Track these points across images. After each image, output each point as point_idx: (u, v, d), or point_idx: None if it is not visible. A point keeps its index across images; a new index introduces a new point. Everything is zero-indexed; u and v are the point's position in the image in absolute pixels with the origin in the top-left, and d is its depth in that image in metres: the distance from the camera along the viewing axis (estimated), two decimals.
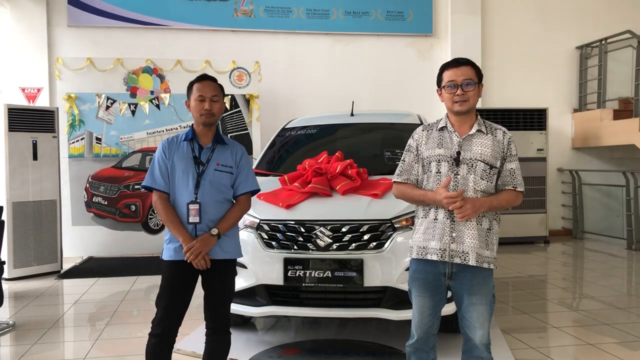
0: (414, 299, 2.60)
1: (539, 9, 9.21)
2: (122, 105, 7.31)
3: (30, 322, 4.63)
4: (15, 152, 6.24)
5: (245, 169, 2.86)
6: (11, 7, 7.81)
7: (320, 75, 8.59)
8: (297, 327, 4.34)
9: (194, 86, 2.82)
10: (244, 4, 8.41)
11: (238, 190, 2.83)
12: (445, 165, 2.52)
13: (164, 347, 2.73)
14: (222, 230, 2.73)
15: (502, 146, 2.54)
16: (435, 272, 2.52)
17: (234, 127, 7.55)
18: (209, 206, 2.73)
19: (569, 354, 3.87)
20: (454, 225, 2.47)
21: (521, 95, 8.99)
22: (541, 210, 8.47)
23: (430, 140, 2.60)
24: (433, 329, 2.60)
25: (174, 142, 2.81)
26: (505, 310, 4.85)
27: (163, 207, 2.73)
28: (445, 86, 2.57)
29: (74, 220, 7.22)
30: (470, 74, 2.54)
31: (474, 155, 2.50)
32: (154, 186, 2.75)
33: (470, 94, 2.53)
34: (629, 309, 4.90)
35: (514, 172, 2.54)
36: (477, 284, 2.48)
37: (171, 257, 2.73)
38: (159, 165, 2.77)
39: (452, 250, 2.47)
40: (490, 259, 2.51)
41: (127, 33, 8.14)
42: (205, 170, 2.75)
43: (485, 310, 2.50)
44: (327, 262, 3.49)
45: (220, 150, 2.82)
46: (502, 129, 2.61)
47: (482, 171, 2.49)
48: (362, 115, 5.21)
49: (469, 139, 2.54)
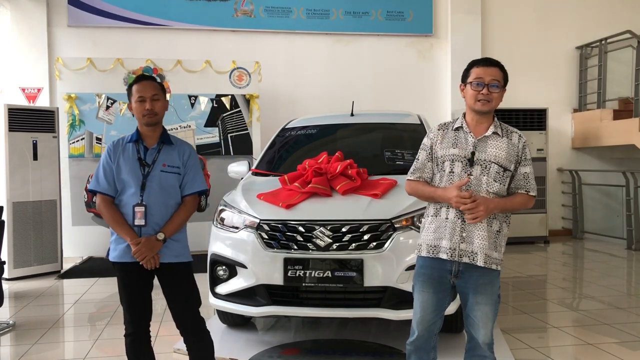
0: (417, 295, 2.59)
1: (539, 9, 9.21)
2: (122, 105, 7.30)
3: (30, 322, 4.63)
4: (15, 152, 6.24)
5: (192, 169, 2.81)
6: (11, 8, 7.81)
7: (320, 75, 8.59)
8: (297, 327, 4.34)
9: (132, 88, 2.77)
10: (244, 4, 8.41)
11: (185, 190, 2.79)
12: (459, 165, 2.52)
13: (139, 344, 2.76)
14: (168, 234, 2.70)
15: (517, 150, 2.55)
16: (441, 268, 2.52)
17: (234, 127, 7.55)
18: (155, 208, 2.69)
19: (569, 354, 3.87)
20: (465, 225, 2.48)
21: (521, 95, 8.97)
22: (541, 210, 8.47)
23: (445, 139, 2.59)
24: (435, 327, 2.59)
25: (119, 144, 2.79)
26: (505, 310, 4.85)
27: (107, 209, 2.72)
28: (471, 82, 2.55)
29: (74, 220, 7.22)
30: (498, 75, 2.54)
31: (488, 156, 2.50)
32: (98, 189, 2.73)
33: (495, 96, 2.53)
34: (629, 309, 4.90)
35: (527, 176, 2.56)
36: (484, 284, 2.49)
37: (120, 259, 2.72)
38: (103, 168, 2.75)
39: (462, 249, 2.48)
40: (498, 261, 2.52)
41: (127, 33, 8.14)
42: (151, 172, 2.72)
43: (490, 311, 2.51)
44: (327, 262, 3.49)
45: (167, 151, 2.78)
46: (518, 132, 2.61)
47: (496, 173, 2.50)
48: (362, 115, 5.21)
49: (484, 140, 2.54)
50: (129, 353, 2.77)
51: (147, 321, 2.78)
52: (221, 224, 3.85)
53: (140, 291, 2.74)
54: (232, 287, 3.70)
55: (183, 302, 2.77)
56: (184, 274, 2.79)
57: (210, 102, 7.39)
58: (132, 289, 2.73)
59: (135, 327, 2.73)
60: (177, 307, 2.77)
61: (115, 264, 2.75)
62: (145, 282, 2.76)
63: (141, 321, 2.75)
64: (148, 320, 2.78)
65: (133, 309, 2.73)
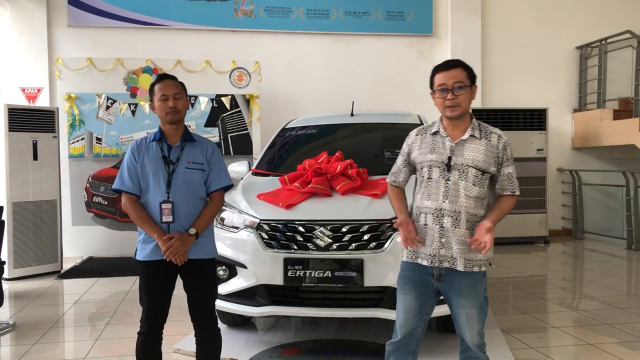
0: (401, 297, 2.58)
1: (539, 9, 9.21)
2: (122, 105, 7.31)
3: (30, 322, 4.63)
4: (15, 152, 6.24)
5: (217, 165, 2.85)
6: (11, 8, 7.81)
7: (320, 75, 8.59)
8: (297, 327, 4.34)
9: (155, 87, 2.81)
10: (244, 4, 8.41)
11: (211, 187, 2.83)
12: (437, 170, 2.49)
13: (152, 344, 2.77)
14: (200, 230, 2.74)
15: (497, 151, 2.49)
16: (423, 272, 2.51)
17: (234, 127, 7.55)
18: (182, 205, 2.73)
19: (569, 354, 3.87)
20: (443, 231, 2.45)
21: (521, 95, 8.99)
22: (541, 210, 8.47)
23: (423, 145, 2.57)
24: (417, 331, 2.56)
25: (142, 143, 2.81)
26: (505, 310, 4.85)
27: (133, 208, 2.74)
28: (436, 90, 2.52)
29: (74, 220, 7.22)
30: (461, 76, 2.48)
31: (465, 160, 2.46)
32: (123, 188, 2.75)
33: (462, 98, 2.47)
34: (629, 309, 4.90)
35: (511, 176, 2.51)
36: (467, 286, 2.46)
37: (147, 257, 2.74)
38: (127, 168, 2.77)
39: (441, 255, 2.46)
40: (482, 262, 2.48)
41: (127, 33, 8.14)
42: (176, 169, 2.75)
43: (475, 313, 2.47)
44: (327, 262, 3.49)
45: (190, 148, 2.82)
46: (498, 132, 2.55)
47: (474, 177, 2.46)
48: (362, 115, 5.21)
49: (461, 143, 2.50)
50: (139, 352, 2.77)
51: (162, 322, 2.79)
52: (221, 224, 3.85)
53: (162, 291, 2.77)
54: (232, 287, 3.70)
55: (203, 297, 2.81)
56: (207, 269, 2.83)
57: (210, 102, 7.39)
58: (155, 288, 2.76)
59: (151, 327, 2.75)
60: (195, 301, 2.80)
61: (142, 262, 2.77)
62: (169, 283, 2.78)
63: (157, 322, 2.77)
64: (164, 321, 2.80)
65: (153, 308, 2.75)
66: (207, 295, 2.83)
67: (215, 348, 2.87)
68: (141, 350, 2.76)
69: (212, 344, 2.86)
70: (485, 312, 2.53)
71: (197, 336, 2.85)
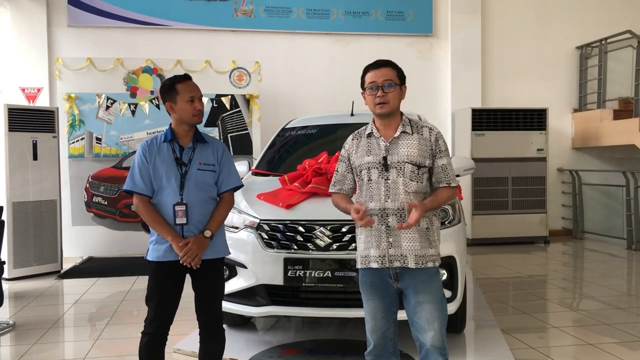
0: (365, 304, 2.57)
1: (539, 9, 9.21)
2: (122, 105, 7.31)
3: (30, 322, 4.63)
4: (15, 152, 6.24)
5: (227, 165, 2.86)
6: (11, 8, 7.81)
7: (320, 75, 8.59)
8: (297, 327, 4.34)
9: (178, 87, 2.76)
10: (244, 4, 8.41)
11: (222, 187, 2.84)
12: (375, 172, 2.50)
13: (156, 344, 2.77)
14: (214, 231, 2.75)
15: (430, 144, 2.52)
16: (381, 274, 2.51)
17: (234, 127, 7.55)
18: (195, 206, 2.73)
19: (569, 354, 3.86)
20: (390, 231, 2.46)
21: (521, 95, 8.99)
22: (541, 210, 8.47)
23: (360, 148, 2.59)
24: (389, 333, 2.55)
25: (153, 144, 2.79)
26: (505, 310, 4.85)
27: (146, 209, 2.73)
28: (367, 88, 2.55)
29: (74, 220, 7.22)
30: (390, 75, 2.52)
31: (400, 157, 2.48)
32: (135, 189, 2.74)
33: (391, 96, 2.50)
34: (629, 309, 4.90)
35: (445, 168, 2.52)
36: (422, 281, 2.46)
37: (159, 258, 2.73)
38: (139, 169, 2.74)
39: (391, 255, 2.45)
40: (435, 257, 2.49)
41: (127, 33, 8.14)
42: (188, 171, 2.75)
43: (435, 310, 2.44)
44: (327, 262, 3.49)
45: (201, 149, 2.82)
46: (429, 125, 2.58)
47: (411, 172, 2.47)
48: (362, 115, 5.19)
49: (395, 142, 2.52)
50: (142, 352, 2.76)
51: (169, 324, 2.78)
52: None
53: (172, 292, 2.76)
54: (232, 287, 3.69)
55: (211, 296, 2.82)
56: (217, 268, 2.84)
57: (210, 102, 7.38)
58: (166, 289, 2.75)
59: (157, 327, 2.74)
60: (203, 300, 2.81)
61: (152, 263, 2.75)
62: (179, 284, 2.78)
63: (164, 322, 2.76)
64: (170, 323, 2.79)
65: (161, 309, 2.74)
66: (216, 294, 2.84)
67: (219, 348, 2.88)
68: (145, 350, 2.75)
69: (216, 344, 2.86)
70: (445, 313, 2.50)
71: (202, 335, 2.85)
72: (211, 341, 2.85)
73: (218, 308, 2.85)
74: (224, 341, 2.89)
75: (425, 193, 2.52)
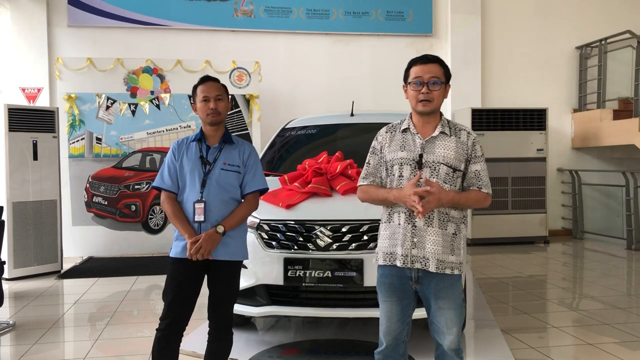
0: (381, 305, 2.53)
1: (539, 9, 9.21)
2: (122, 105, 7.31)
3: (30, 322, 4.63)
4: (15, 152, 6.24)
5: (253, 168, 2.89)
6: (11, 7, 7.81)
7: (320, 75, 8.59)
8: (297, 327, 4.34)
9: (197, 89, 2.88)
10: (244, 4, 8.41)
11: (245, 189, 2.87)
12: (408, 168, 2.44)
13: (168, 342, 2.76)
14: (228, 227, 2.76)
15: (466, 147, 2.45)
16: (401, 276, 2.46)
17: (234, 127, 7.55)
18: (215, 205, 2.76)
19: (569, 354, 3.87)
20: (416, 231, 2.40)
21: (521, 95, 9.00)
22: (541, 210, 8.47)
23: (393, 142, 2.52)
24: (402, 335, 2.53)
25: (183, 143, 2.89)
26: (505, 310, 4.85)
27: (170, 205, 2.81)
28: (410, 82, 2.47)
29: (74, 220, 7.23)
30: (438, 72, 2.44)
31: (436, 158, 2.42)
32: (162, 186, 2.83)
33: (436, 94, 2.44)
34: (629, 309, 4.90)
35: (479, 173, 2.45)
36: (444, 288, 2.42)
37: (177, 255, 2.77)
38: (168, 167, 2.85)
39: (413, 256, 2.40)
40: (455, 264, 2.43)
41: (127, 33, 8.14)
42: (212, 170, 2.80)
43: (454, 315, 2.43)
44: (327, 262, 3.50)
45: (228, 150, 2.87)
46: (467, 129, 2.51)
47: (445, 175, 2.41)
48: (362, 115, 5.21)
49: (432, 141, 2.45)
50: (156, 348, 2.76)
51: (183, 321, 2.78)
52: None
53: (188, 289, 2.77)
54: None
55: (224, 298, 2.83)
56: (233, 272, 2.85)
57: None
58: (182, 286, 2.76)
59: (169, 324, 2.74)
60: (216, 301, 2.82)
61: (171, 259, 2.79)
62: (196, 283, 2.79)
63: (177, 320, 2.75)
64: (184, 321, 2.79)
65: (176, 305, 2.74)
66: (229, 296, 2.85)
67: (225, 350, 2.88)
68: (158, 346, 2.75)
69: (223, 345, 2.87)
70: (463, 316, 2.49)
71: (211, 335, 2.86)
72: (217, 342, 2.85)
73: (228, 310, 2.85)
74: (231, 344, 2.89)
75: None
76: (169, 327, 2.73)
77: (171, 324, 2.74)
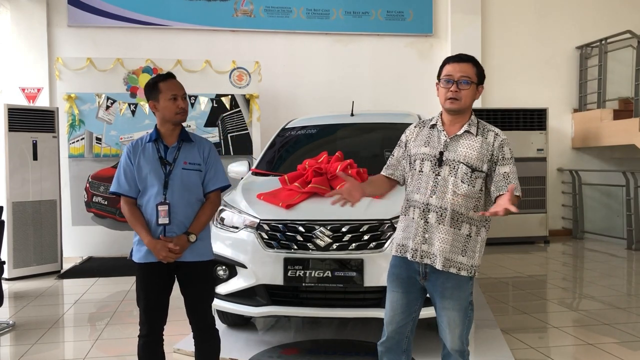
0: (388, 294, 2.56)
1: (539, 9, 9.21)
2: (122, 105, 7.31)
3: (30, 322, 4.63)
4: (15, 152, 6.24)
5: (214, 165, 2.83)
6: (11, 7, 7.81)
7: (320, 75, 8.59)
8: (297, 327, 4.34)
9: (160, 86, 2.73)
10: (244, 4, 8.41)
11: (208, 187, 2.81)
12: (428, 164, 2.45)
13: (152, 346, 2.77)
14: (198, 233, 2.72)
15: (491, 149, 2.42)
16: (409, 269, 2.48)
17: (234, 127, 7.54)
18: (179, 207, 2.71)
19: (569, 354, 3.87)
20: (427, 226, 2.42)
21: (521, 95, 8.99)
22: (541, 210, 8.47)
23: (419, 137, 2.55)
24: (406, 329, 2.54)
25: (138, 145, 2.77)
26: (505, 310, 4.85)
27: (128, 210, 2.73)
28: (441, 80, 2.46)
29: (74, 220, 7.22)
30: (469, 72, 2.42)
31: (457, 156, 2.41)
32: (119, 191, 2.74)
33: (464, 93, 2.41)
34: (629, 309, 4.90)
35: (507, 176, 2.39)
36: (450, 288, 2.42)
37: (143, 259, 2.72)
38: (124, 171, 2.74)
39: (423, 251, 2.42)
40: (464, 266, 2.40)
41: (127, 33, 8.14)
42: (173, 170, 2.72)
43: (457, 317, 2.43)
44: (327, 262, 3.49)
45: (187, 148, 2.79)
46: (495, 131, 2.48)
47: (464, 174, 2.40)
48: (362, 115, 5.21)
49: (456, 139, 2.45)
50: (141, 354, 2.77)
51: (162, 324, 2.78)
52: (221, 223, 3.85)
53: (159, 293, 2.75)
54: (232, 287, 3.69)
55: (199, 299, 2.80)
56: (203, 271, 2.81)
57: (210, 102, 7.39)
58: (151, 290, 2.74)
59: (150, 329, 2.74)
60: (192, 303, 2.80)
61: (137, 264, 2.75)
62: (165, 284, 2.77)
63: (156, 324, 2.76)
64: (163, 323, 2.79)
65: (150, 310, 2.74)
66: (204, 297, 2.82)
67: (214, 349, 2.87)
68: (143, 352, 2.76)
69: (210, 345, 2.86)
70: (470, 318, 2.48)
71: (195, 337, 2.85)
72: (205, 344, 2.84)
73: (206, 311, 2.82)
74: (219, 341, 2.88)
75: (477, 199, 2.43)
76: (150, 332, 2.74)
77: (151, 328, 2.74)
